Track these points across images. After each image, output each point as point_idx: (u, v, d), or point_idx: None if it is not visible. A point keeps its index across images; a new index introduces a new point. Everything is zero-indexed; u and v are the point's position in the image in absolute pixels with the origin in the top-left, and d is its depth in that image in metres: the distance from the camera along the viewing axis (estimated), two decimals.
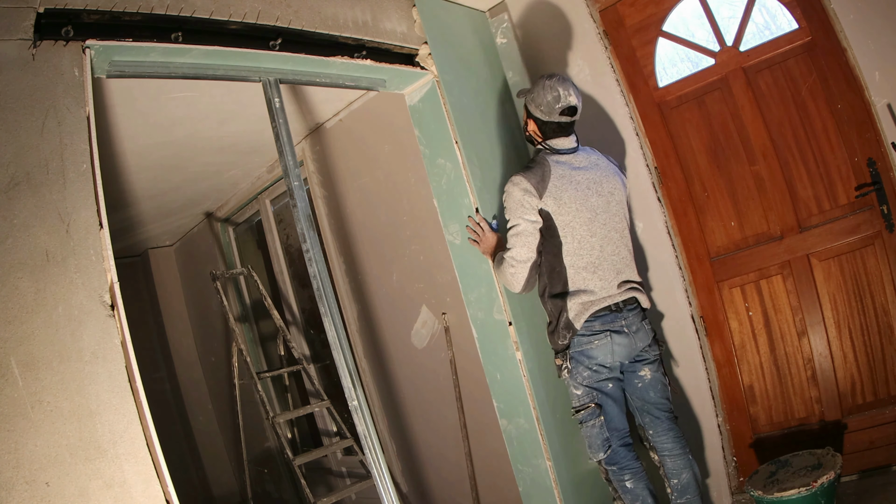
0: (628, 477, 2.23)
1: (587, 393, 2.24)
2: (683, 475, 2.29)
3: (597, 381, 2.23)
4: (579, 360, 2.23)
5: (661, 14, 2.76)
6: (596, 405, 2.23)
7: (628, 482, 2.22)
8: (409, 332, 3.43)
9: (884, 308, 2.43)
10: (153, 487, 1.44)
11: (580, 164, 2.33)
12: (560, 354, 2.28)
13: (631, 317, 2.27)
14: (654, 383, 2.32)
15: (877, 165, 2.36)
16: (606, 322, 2.22)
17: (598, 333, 2.21)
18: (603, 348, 2.21)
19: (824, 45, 2.42)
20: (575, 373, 2.24)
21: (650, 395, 2.32)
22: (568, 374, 2.25)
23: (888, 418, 2.43)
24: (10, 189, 1.44)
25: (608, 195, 2.32)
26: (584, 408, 2.24)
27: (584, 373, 2.23)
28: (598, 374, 2.23)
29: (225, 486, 5.07)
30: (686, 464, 2.30)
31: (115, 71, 1.84)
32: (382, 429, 3.71)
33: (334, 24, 2.35)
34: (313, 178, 3.78)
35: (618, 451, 2.24)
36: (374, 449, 2.16)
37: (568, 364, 2.25)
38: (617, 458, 2.24)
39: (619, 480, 2.24)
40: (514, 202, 2.25)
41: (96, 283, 1.50)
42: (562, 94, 2.27)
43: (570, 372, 2.25)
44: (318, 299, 2.18)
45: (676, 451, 2.31)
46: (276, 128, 2.24)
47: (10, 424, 1.29)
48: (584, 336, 2.21)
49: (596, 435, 2.23)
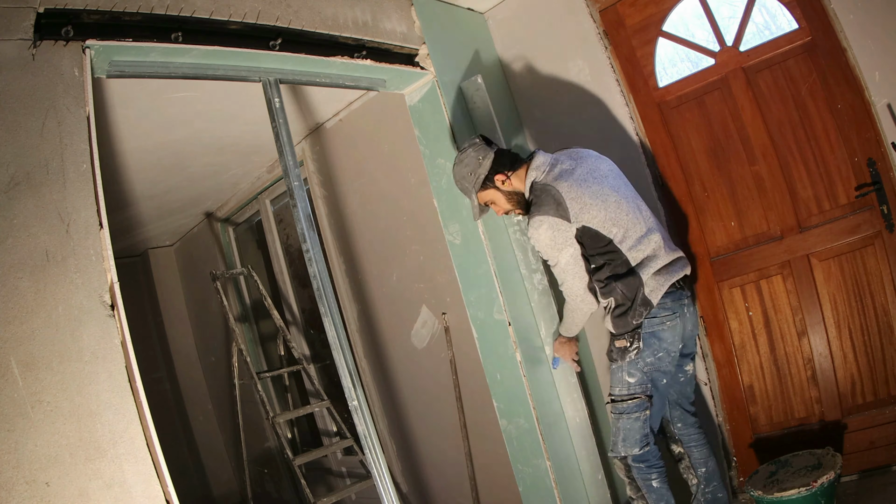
0: (655, 476, 2.19)
1: (641, 382, 2.15)
2: (710, 463, 2.32)
3: (656, 370, 2.15)
4: (649, 343, 2.13)
5: (661, 14, 2.76)
6: (647, 397, 2.15)
7: (655, 481, 2.19)
8: (409, 332, 3.43)
9: (884, 308, 2.43)
10: (153, 487, 1.44)
11: (570, 166, 2.22)
12: (628, 335, 2.14)
13: (690, 296, 2.23)
14: (692, 379, 2.34)
15: (877, 165, 2.36)
16: (675, 299, 2.15)
17: (670, 314, 2.13)
18: (673, 329, 2.13)
19: (824, 45, 2.42)
20: (639, 356, 2.13)
21: (687, 390, 2.33)
22: (635, 356, 2.13)
23: (888, 418, 2.43)
24: (10, 189, 1.44)
25: (609, 174, 2.23)
26: (633, 398, 2.14)
27: (649, 358, 2.14)
28: (660, 362, 2.15)
29: (225, 486, 5.07)
30: (710, 452, 2.34)
31: (115, 71, 1.84)
32: (382, 429, 3.71)
33: (334, 24, 2.35)
34: (313, 178, 3.78)
35: (652, 448, 2.20)
36: (374, 449, 2.16)
37: (640, 344, 2.12)
38: (648, 456, 2.19)
39: (646, 479, 2.20)
40: (550, 239, 2.13)
41: (96, 283, 1.50)
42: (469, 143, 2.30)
43: (638, 353, 2.13)
44: (318, 299, 2.18)
45: (702, 440, 2.34)
46: (276, 128, 2.24)
47: (10, 424, 1.29)
48: (656, 317, 2.12)
49: (637, 429, 2.15)
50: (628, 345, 2.14)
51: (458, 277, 2.71)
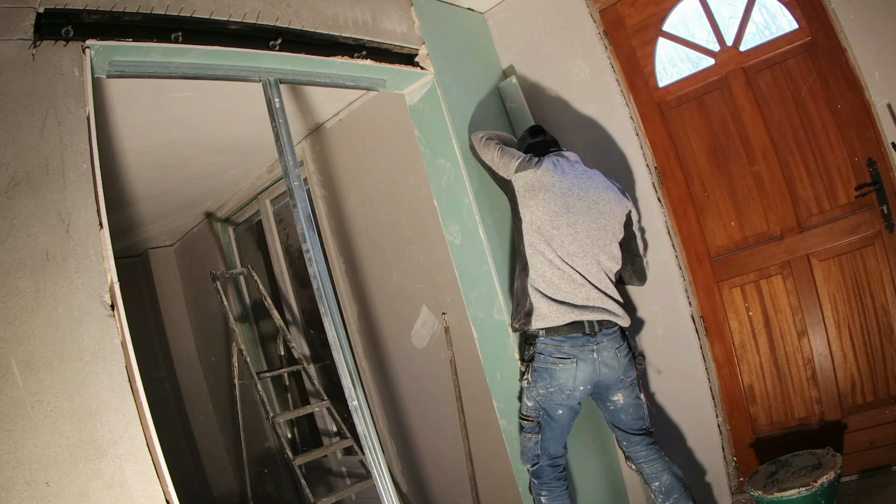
0: (545, 493, 2.32)
1: (536, 409, 2.27)
2: (664, 477, 2.30)
3: (548, 403, 2.25)
4: (540, 376, 2.23)
5: (661, 14, 2.76)
6: (537, 423, 2.27)
7: (543, 497, 2.32)
8: (409, 332, 3.43)
9: (884, 308, 2.43)
10: (153, 487, 1.44)
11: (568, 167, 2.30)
12: (524, 361, 2.30)
13: (605, 341, 2.22)
14: (626, 408, 2.32)
15: (877, 165, 2.36)
16: (577, 345, 2.19)
17: (564, 358, 2.19)
18: (568, 373, 2.20)
19: (824, 45, 2.42)
20: (532, 386, 2.26)
21: (621, 417, 2.33)
22: (526, 385, 2.28)
23: (888, 418, 2.43)
24: (10, 189, 1.44)
25: (593, 206, 2.25)
26: (528, 420, 2.30)
27: (541, 390, 2.24)
28: (552, 398, 2.24)
29: (225, 486, 5.07)
30: (663, 466, 2.31)
31: (115, 71, 1.84)
32: (382, 429, 3.71)
33: (334, 24, 2.35)
34: (313, 178, 3.78)
35: (543, 468, 2.32)
36: (374, 449, 2.16)
37: (529, 377, 2.26)
38: (540, 474, 2.32)
39: (537, 494, 2.34)
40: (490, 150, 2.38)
41: (96, 283, 1.50)
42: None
43: (528, 383, 2.27)
44: (318, 299, 2.18)
45: (651, 456, 2.32)
46: (276, 128, 2.24)
47: (10, 424, 1.29)
48: (551, 356, 2.20)
49: (530, 448, 2.32)
50: (523, 370, 2.30)
51: (458, 277, 2.71)
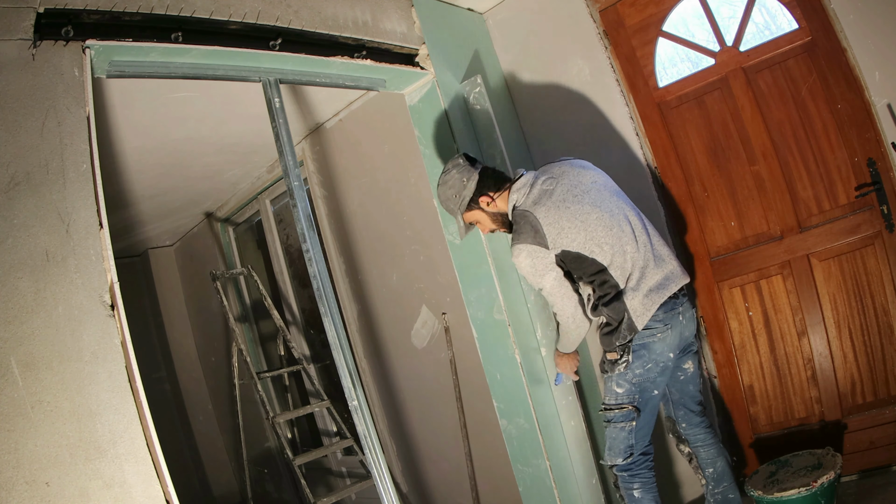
0: (638, 486, 2.16)
1: (629, 392, 2.13)
2: (718, 463, 2.28)
3: (645, 383, 2.13)
4: (639, 355, 2.11)
5: (661, 14, 2.76)
6: (634, 408, 2.13)
7: (636, 491, 2.16)
8: (409, 332, 3.43)
9: (884, 308, 2.43)
10: (153, 487, 1.44)
11: (549, 185, 2.18)
12: (619, 347, 2.12)
13: (686, 302, 2.17)
14: (694, 377, 2.27)
15: (877, 165, 2.36)
16: (668, 310, 2.11)
17: (661, 326, 2.10)
18: (664, 341, 2.10)
19: (824, 45, 2.42)
20: (628, 369, 2.12)
21: (689, 388, 2.28)
22: (624, 368, 2.12)
23: (888, 418, 2.43)
24: (10, 189, 1.44)
25: (592, 186, 2.18)
26: (620, 407, 2.14)
27: (638, 370, 2.11)
28: (650, 373, 2.12)
29: (225, 486, 5.07)
30: (719, 452, 2.29)
31: (115, 71, 1.84)
32: (382, 429, 3.71)
33: (334, 24, 2.35)
34: (313, 178, 3.78)
35: (637, 458, 2.17)
36: (374, 449, 2.16)
37: (629, 357, 2.10)
38: (633, 466, 2.16)
39: (628, 488, 2.17)
40: (530, 267, 2.12)
41: (96, 283, 1.50)
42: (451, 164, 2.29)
43: (628, 366, 2.11)
44: (318, 299, 2.18)
45: (709, 440, 2.29)
46: (276, 128, 2.24)
47: (10, 424, 1.29)
48: (648, 328, 2.09)
49: (622, 439, 2.15)
50: (618, 357, 2.14)
51: (458, 277, 2.71)
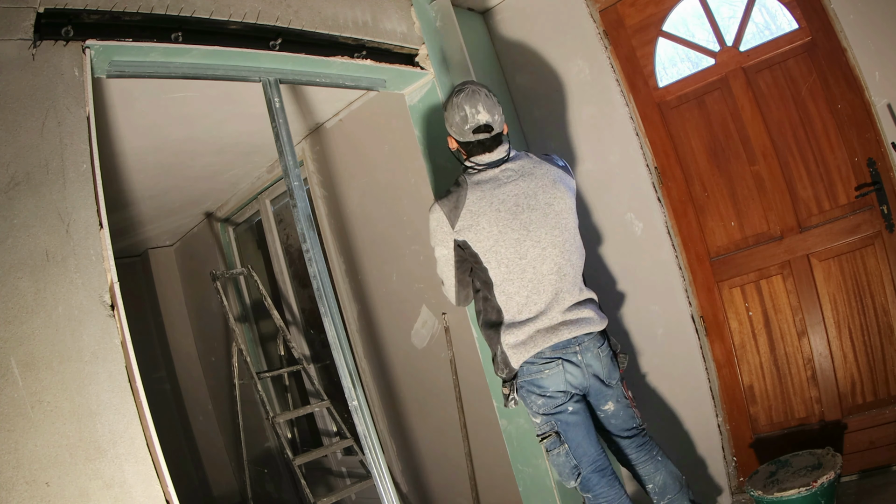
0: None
1: (546, 422, 2.07)
2: (657, 478, 2.16)
3: (554, 408, 2.04)
4: (530, 390, 2.05)
5: (661, 14, 2.76)
6: (556, 434, 2.06)
7: None
8: (409, 332, 3.43)
9: (884, 308, 2.43)
10: (153, 487, 1.44)
11: (508, 177, 2.08)
12: (507, 383, 2.09)
13: (587, 342, 2.06)
14: (616, 412, 2.16)
15: (877, 165, 2.36)
16: (558, 349, 2.02)
17: (550, 361, 2.01)
18: (554, 377, 2.02)
19: (824, 45, 2.42)
20: (528, 402, 2.07)
21: (612, 422, 2.17)
22: (514, 406, 2.10)
23: (888, 418, 2.43)
24: (10, 189, 1.44)
25: (545, 207, 2.06)
26: (546, 436, 2.08)
27: (539, 401, 2.05)
28: (554, 400, 2.04)
29: (225, 486, 5.07)
30: (656, 467, 2.17)
31: (115, 71, 1.84)
32: (382, 429, 3.71)
33: (334, 24, 2.35)
34: (313, 178, 3.78)
35: (589, 477, 2.04)
36: (374, 449, 2.16)
37: (515, 395, 2.07)
38: (589, 486, 2.05)
39: None
40: (430, 230, 2.12)
41: (96, 283, 1.50)
42: (469, 113, 2.04)
43: (516, 403, 2.09)
44: (318, 299, 2.18)
45: (641, 458, 2.18)
46: (276, 128, 2.24)
47: (10, 424, 1.29)
48: (533, 364, 2.02)
49: (563, 463, 2.06)
50: (507, 393, 2.09)
51: None
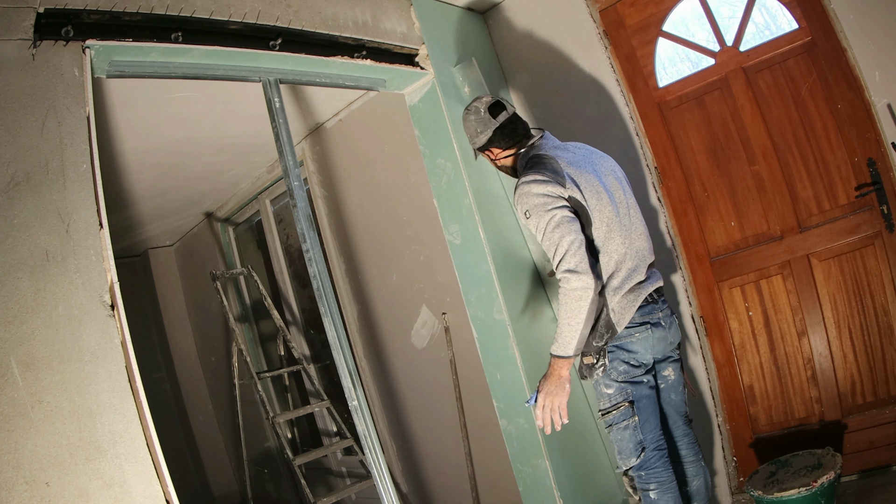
0: (654, 487, 1.99)
1: (621, 391, 2.02)
2: (695, 483, 2.16)
3: (633, 377, 2.01)
4: (617, 355, 2.01)
5: (661, 14, 2.76)
6: (629, 404, 2.01)
7: (653, 492, 1.99)
8: (409, 332, 3.43)
9: (884, 308, 2.43)
10: (153, 487, 1.44)
11: (565, 146, 2.12)
12: (594, 352, 2.00)
13: (665, 307, 2.08)
14: (676, 384, 2.15)
15: (877, 165, 2.36)
16: (645, 314, 2.02)
17: (639, 326, 2.00)
18: (643, 342, 2.01)
19: (824, 45, 2.42)
20: (610, 369, 2.01)
21: (671, 396, 2.16)
22: (602, 373, 2.00)
23: (888, 418, 2.43)
24: (10, 189, 1.44)
25: (610, 172, 2.11)
26: (616, 407, 2.01)
27: (620, 367, 2.00)
28: (635, 370, 2.02)
29: (225, 486, 5.07)
30: (698, 470, 2.17)
31: (115, 71, 1.84)
32: (382, 429, 3.71)
33: (334, 24, 2.35)
34: (313, 178, 3.78)
35: (651, 456, 2.01)
36: (374, 449, 2.16)
37: (605, 361, 1.99)
38: (649, 464, 2.01)
39: (645, 489, 2.02)
40: (536, 201, 1.93)
41: (96, 283, 1.50)
42: (476, 106, 2.16)
43: (605, 370, 2.00)
44: (318, 299, 2.18)
45: (690, 457, 2.17)
46: (276, 128, 2.24)
47: (10, 424, 1.29)
48: (625, 329, 2.00)
49: (628, 438, 2.01)
50: (594, 362, 2.02)
51: (458, 277, 2.71)
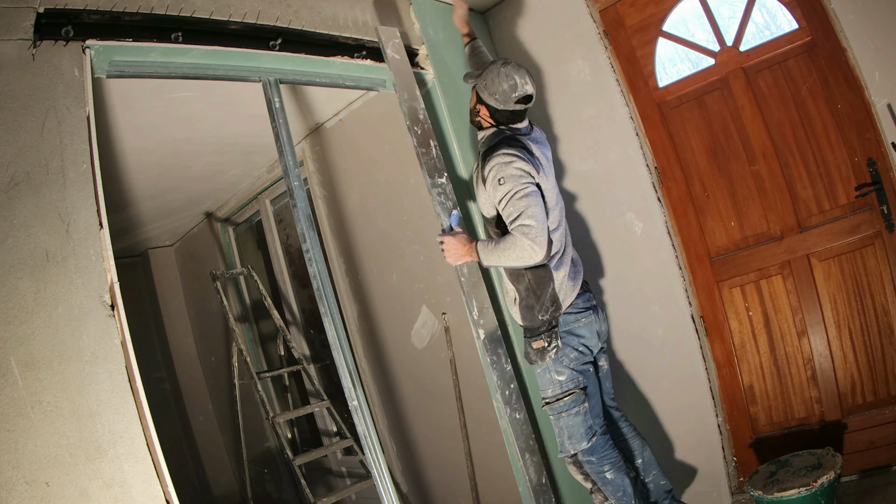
0: (608, 468, 2.13)
1: (572, 377, 2.10)
2: (645, 454, 2.30)
3: (582, 364, 2.12)
4: (567, 341, 2.09)
5: (661, 14, 2.76)
6: (581, 390, 2.10)
7: (608, 473, 2.13)
8: (409, 332, 3.43)
9: (884, 308, 2.43)
10: (153, 487, 1.44)
11: (545, 141, 2.33)
12: (544, 335, 2.08)
13: (594, 298, 2.26)
14: (608, 373, 2.31)
15: (877, 165, 2.36)
16: (587, 300, 2.16)
17: (584, 311, 2.12)
18: (589, 326, 2.13)
19: (824, 45, 2.42)
20: (561, 354, 2.08)
21: (606, 384, 2.31)
22: (554, 356, 2.08)
23: (888, 418, 2.43)
24: (10, 189, 1.44)
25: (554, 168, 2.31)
26: (569, 394, 2.09)
27: (572, 354, 2.10)
28: (584, 356, 2.12)
29: (225, 486, 5.06)
30: (642, 444, 2.33)
31: (115, 71, 1.84)
32: (382, 429, 3.71)
33: (334, 24, 2.35)
34: (313, 178, 3.78)
35: (599, 439, 2.14)
36: (374, 449, 2.16)
37: (558, 343, 2.07)
38: (598, 448, 2.13)
39: (599, 472, 2.13)
40: (512, 171, 2.02)
41: (96, 283, 1.50)
42: (518, 82, 2.14)
43: (557, 352, 2.08)
44: (318, 299, 2.18)
45: (631, 433, 2.33)
46: (276, 128, 2.24)
47: (10, 424, 1.29)
48: (572, 314, 2.10)
49: (580, 423, 2.09)
50: (546, 345, 2.08)
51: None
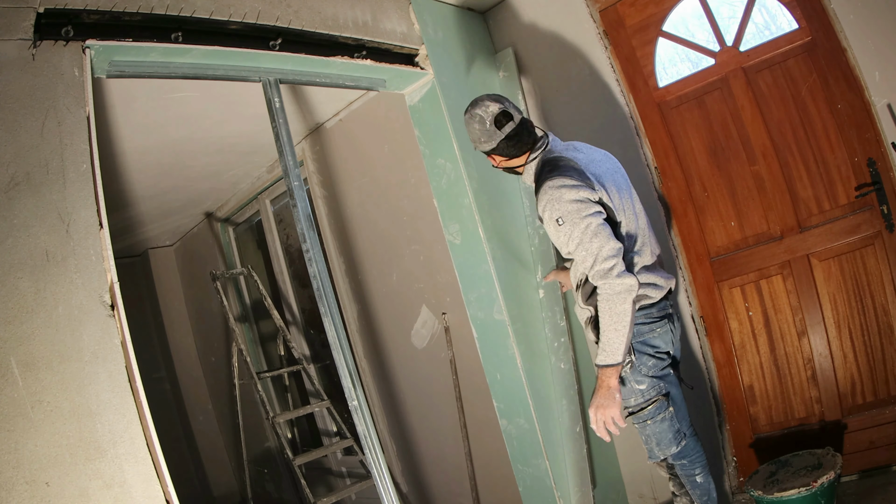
0: (699, 471, 2.07)
1: (653, 385, 2.02)
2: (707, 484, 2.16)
3: (662, 369, 2.03)
4: (642, 351, 2.01)
5: (661, 14, 2.76)
6: (664, 396, 2.02)
7: (699, 476, 2.07)
8: (409, 332, 3.43)
9: (884, 308, 2.43)
10: (153, 487, 1.44)
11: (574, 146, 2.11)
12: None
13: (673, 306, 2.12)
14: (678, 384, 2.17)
15: (877, 165, 2.36)
16: (661, 308, 2.04)
17: (658, 320, 2.02)
18: (664, 336, 2.03)
19: (824, 45, 2.42)
20: (639, 364, 2.01)
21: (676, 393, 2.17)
22: (630, 370, 1.99)
23: (888, 418, 2.43)
24: (10, 189, 1.44)
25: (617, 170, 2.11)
26: (652, 402, 2.00)
27: (649, 362, 2.02)
28: (662, 362, 2.04)
29: (225, 486, 5.07)
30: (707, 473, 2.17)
31: (115, 71, 1.84)
32: (382, 429, 3.71)
33: (334, 24, 2.35)
34: (313, 178, 3.78)
35: (689, 441, 2.07)
36: (374, 449, 2.16)
37: (633, 357, 1.99)
38: (688, 450, 2.06)
39: (690, 475, 2.07)
40: (570, 208, 1.87)
41: (96, 283, 1.50)
42: (480, 114, 2.02)
43: (632, 366, 1.99)
44: (318, 299, 2.18)
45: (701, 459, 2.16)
46: (276, 128, 2.24)
47: (10, 424, 1.29)
48: (645, 324, 2.01)
49: (667, 429, 2.01)
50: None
51: (458, 277, 2.71)
